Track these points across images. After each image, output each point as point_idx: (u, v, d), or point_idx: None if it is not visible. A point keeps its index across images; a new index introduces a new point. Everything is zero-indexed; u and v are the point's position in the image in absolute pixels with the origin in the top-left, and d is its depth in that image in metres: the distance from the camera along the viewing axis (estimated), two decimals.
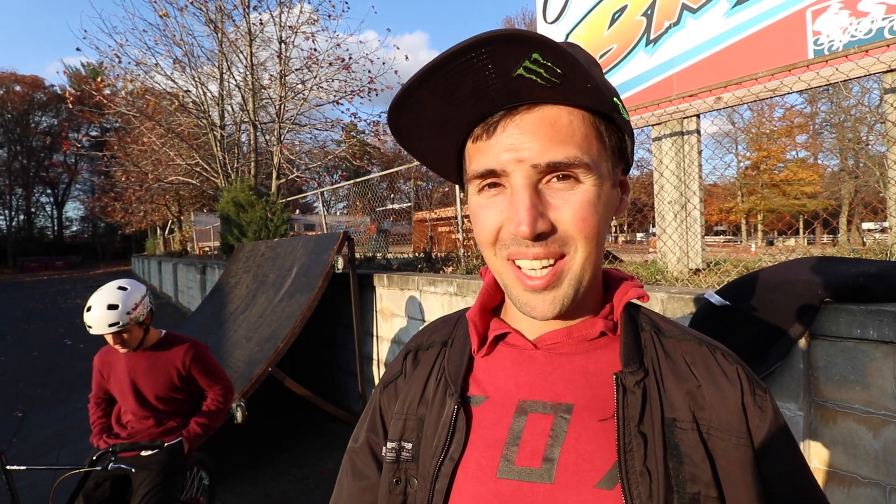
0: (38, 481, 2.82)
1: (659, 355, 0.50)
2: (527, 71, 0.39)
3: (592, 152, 0.45)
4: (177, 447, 2.15)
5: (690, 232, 2.75)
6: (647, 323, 0.53)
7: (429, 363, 0.59)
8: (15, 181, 47.78)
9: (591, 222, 0.45)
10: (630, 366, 0.48)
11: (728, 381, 0.48)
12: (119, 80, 10.14)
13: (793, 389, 1.57)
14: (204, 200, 18.55)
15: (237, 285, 5.76)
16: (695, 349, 0.51)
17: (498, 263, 0.49)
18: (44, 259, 42.58)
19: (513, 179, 0.44)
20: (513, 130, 0.44)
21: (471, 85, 0.41)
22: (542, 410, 0.48)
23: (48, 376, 6.37)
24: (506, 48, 0.38)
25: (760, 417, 0.47)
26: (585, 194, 0.45)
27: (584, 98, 0.43)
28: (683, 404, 0.47)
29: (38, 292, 20.32)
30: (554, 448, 0.46)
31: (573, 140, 0.44)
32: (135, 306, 2.03)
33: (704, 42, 2.96)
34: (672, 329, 0.53)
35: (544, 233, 0.44)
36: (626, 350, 0.49)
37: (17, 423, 4.64)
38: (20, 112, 45.52)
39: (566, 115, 0.44)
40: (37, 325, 11.11)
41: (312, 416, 4.47)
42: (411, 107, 0.44)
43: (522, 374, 0.51)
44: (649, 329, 0.52)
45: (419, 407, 0.55)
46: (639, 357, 0.49)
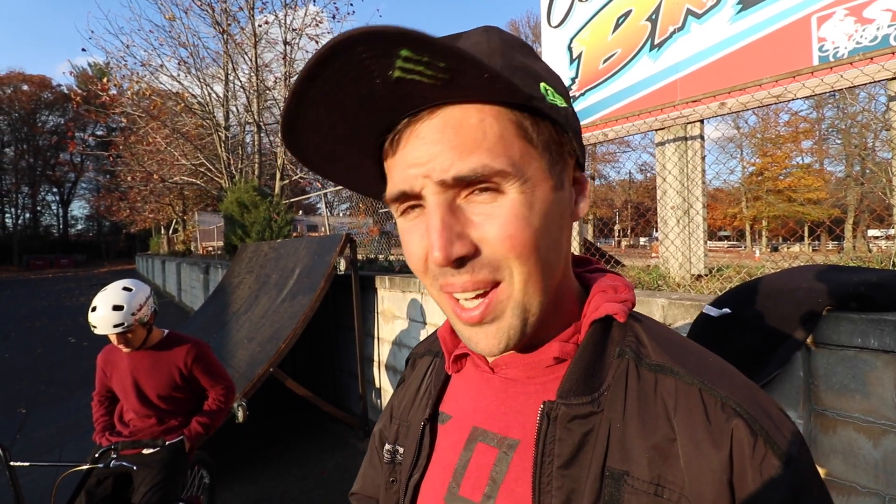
0: (41, 478, 2.84)
1: (629, 391, 0.40)
2: (404, 71, 0.32)
3: (512, 154, 0.37)
4: (178, 445, 2.16)
5: (693, 237, 2.74)
6: (630, 348, 0.42)
7: (421, 371, 0.59)
8: (21, 179, 48.20)
9: (522, 237, 0.37)
10: (570, 397, 0.40)
11: (711, 441, 0.36)
12: (125, 80, 10.21)
13: (793, 397, 1.56)
14: (208, 200, 18.64)
15: (240, 285, 5.78)
16: (682, 390, 0.39)
17: (435, 294, 0.42)
18: (49, 257, 42.85)
19: (426, 199, 0.38)
20: (415, 142, 0.37)
21: (355, 94, 0.34)
22: (489, 442, 0.45)
23: (52, 374, 6.41)
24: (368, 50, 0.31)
25: (763, 495, 0.35)
26: (511, 205, 0.37)
27: (488, 91, 0.35)
28: (643, 459, 0.37)
29: (43, 290, 20.44)
30: (495, 485, 0.43)
31: (483, 145, 0.36)
32: (139, 307, 2.04)
33: (709, 47, 2.96)
34: (660, 358, 0.41)
35: (464, 256, 0.37)
36: (573, 378, 0.41)
37: (21, 420, 4.67)
38: (27, 111, 45.92)
39: (475, 115, 0.36)
40: (41, 323, 11.17)
41: (313, 416, 4.48)
42: (303, 132, 0.37)
43: (481, 398, 0.48)
44: (629, 356, 0.41)
45: (409, 413, 0.56)
46: (591, 389, 0.40)
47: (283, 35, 9.69)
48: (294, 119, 0.35)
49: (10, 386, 5.98)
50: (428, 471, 0.49)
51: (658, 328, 0.45)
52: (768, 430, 0.37)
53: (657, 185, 2.96)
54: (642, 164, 21.67)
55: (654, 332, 0.44)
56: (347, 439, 4.11)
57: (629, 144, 18.47)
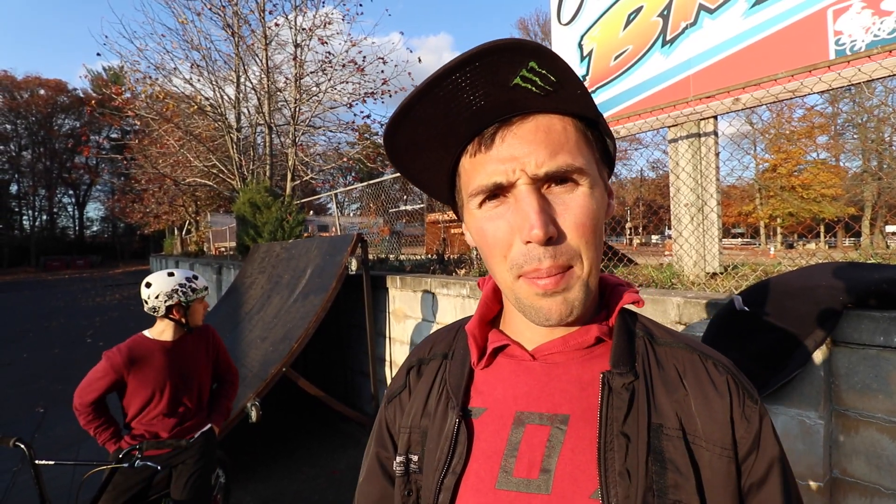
0: (59, 476, 2.89)
1: (650, 362, 0.50)
2: (523, 80, 0.40)
3: (586, 157, 0.46)
4: (209, 433, 2.24)
5: (707, 235, 2.71)
6: (641, 329, 0.53)
7: (430, 376, 0.59)
8: (38, 182, 49.15)
9: (589, 227, 0.45)
10: (619, 367, 0.48)
11: (716, 392, 0.48)
12: (139, 83, 10.35)
13: (813, 397, 1.54)
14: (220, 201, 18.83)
15: (252, 286, 5.83)
16: (686, 357, 0.51)
17: (510, 280, 0.47)
18: (65, 258, 43.65)
19: (517, 188, 0.45)
20: (512, 140, 0.44)
21: (469, 97, 0.41)
22: (538, 422, 0.48)
23: (69, 373, 6.53)
24: (504, 58, 0.38)
25: (746, 429, 0.47)
26: (584, 198, 0.45)
27: (575, 105, 0.44)
28: (671, 412, 0.47)
29: (60, 290, 20.83)
30: (551, 459, 0.46)
31: (568, 146, 0.44)
32: None
33: (722, 42, 2.92)
34: (665, 336, 0.53)
35: (553, 237, 0.44)
36: (617, 353, 0.49)
37: (39, 418, 4.77)
38: (44, 115, 46.82)
39: (558, 123, 0.45)
40: (58, 323, 11.39)
41: (325, 416, 4.51)
42: (410, 122, 0.43)
43: (520, 385, 0.51)
44: (643, 335, 0.52)
45: (422, 419, 0.56)
46: (630, 361, 0.49)
47: (294, 37, 9.75)
48: (410, 109, 0.42)
49: (28, 385, 6.10)
50: (468, 466, 0.49)
51: (650, 319, 0.57)
52: (744, 383, 0.50)
53: (670, 182, 2.93)
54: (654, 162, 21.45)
55: (650, 321, 0.56)
56: (359, 439, 4.13)
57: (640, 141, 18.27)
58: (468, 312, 3.34)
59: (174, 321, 2.16)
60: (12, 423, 4.70)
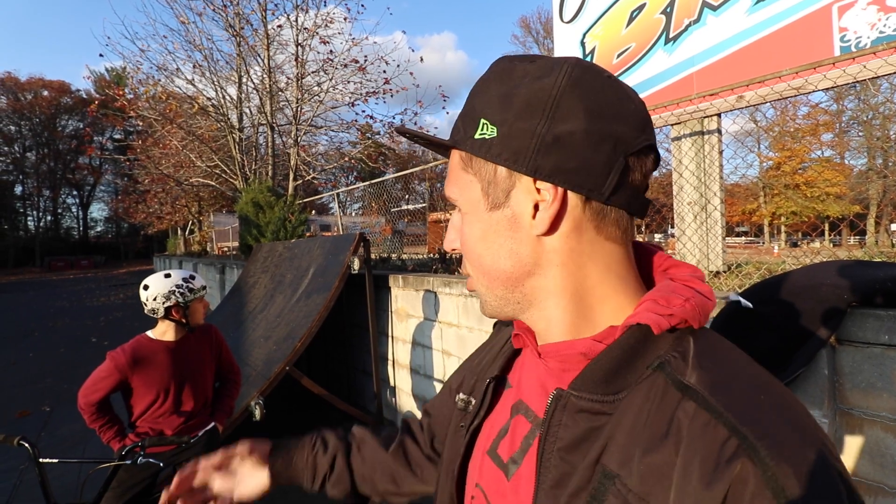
0: (64, 474, 2.91)
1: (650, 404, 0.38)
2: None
3: (459, 184, 0.49)
4: (213, 432, 2.26)
5: (711, 233, 2.70)
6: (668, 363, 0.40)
7: (503, 338, 0.64)
8: (43, 183, 49.42)
9: (469, 247, 0.49)
10: (581, 390, 0.42)
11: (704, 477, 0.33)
12: (141, 84, 10.38)
13: (817, 396, 1.53)
14: (223, 201, 18.88)
15: (255, 285, 5.85)
16: (700, 418, 0.35)
17: None
18: (70, 258, 43.88)
19: None
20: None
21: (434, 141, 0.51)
22: (526, 416, 0.51)
23: (74, 372, 6.57)
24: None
25: None
26: (462, 220, 0.50)
27: (454, 135, 0.49)
28: (638, 471, 0.36)
29: (65, 290, 20.94)
30: (521, 453, 0.49)
31: (450, 178, 0.50)
32: None
33: (726, 39, 2.90)
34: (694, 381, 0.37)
35: (458, 249, 0.52)
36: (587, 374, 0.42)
37: (45, 417, 4.80)
38: (48, 116, 47.05)
39: (455, 156, 0.50)
40: (63, 323, 11.45)
41: (328, 415, 4.51)
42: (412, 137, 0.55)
43: (530, 377, 0.53)
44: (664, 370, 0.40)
45: (485, 371, 0.61)
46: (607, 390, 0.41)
47: (295, 36, 9.76)
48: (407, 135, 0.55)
49: (34, 384, 6.14)
50: (484, 424, 0.56)
51: (717, 348, 0.42)
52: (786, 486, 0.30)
53: (673, 180, 2.92)
54: None
55: (706, 351, 0.41)
56: None
57: None
58: (470, 311, 3.34)
59: (175, 322, 2.16)
60: (19, 421, 4.74)
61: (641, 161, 0.43)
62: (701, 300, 0.43)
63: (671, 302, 0.42)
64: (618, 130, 0.41)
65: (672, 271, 0.48)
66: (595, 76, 0.43)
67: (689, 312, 0.41)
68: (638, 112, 0.43)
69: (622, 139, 0.42)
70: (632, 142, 0.42)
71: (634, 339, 0.42)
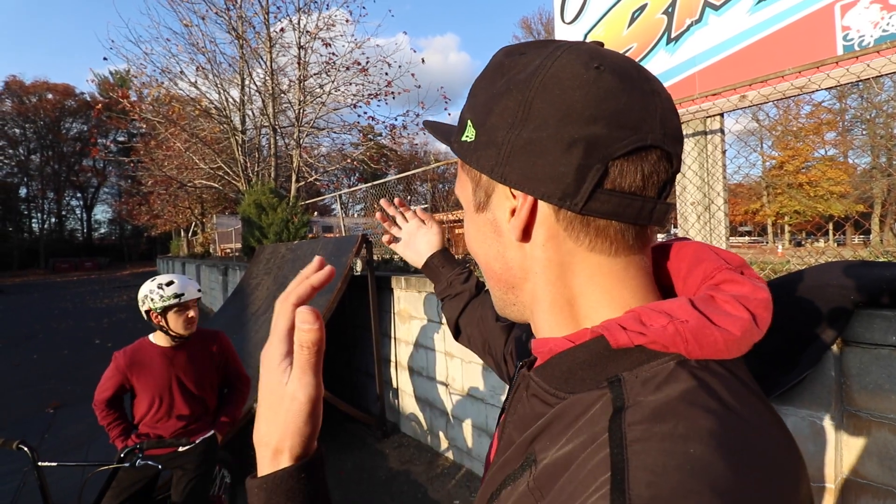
0: (65, 477, 2.90)
1: (581, 422, 0.36)
2: None
3: (461, 184, 0.50)
4: (210, 440, 2.23)
5: (714, 234, 2.68)
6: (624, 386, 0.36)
7: None
8: (47, 185, 49.69)
9: (467, 242, 0.51)
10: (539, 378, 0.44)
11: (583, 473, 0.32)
12: (145, 87, 10.43)
13: (824, 398, 1.52)
14: (226, 203, 18.93)
15: (258, 287, 5.86)
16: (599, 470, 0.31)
17: None
18: (74, 260, 44.07)
19: None
20: None
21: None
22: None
23: (78, 374, 6.59)
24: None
25: None
26: (465, 220, 0.51)
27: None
28: (542, 465, 0.37)
29: (69, 292, 21.03)
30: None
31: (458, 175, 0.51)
32: (198, 287, 2.29)
33: (728, 39, 2.89)
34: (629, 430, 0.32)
35: None
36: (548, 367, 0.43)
37: (49, 418, 4.81)
38: (52, 119, 47.32)
39: None
40: (67, 325, 11.49)
41: (331, 416, 4.51)
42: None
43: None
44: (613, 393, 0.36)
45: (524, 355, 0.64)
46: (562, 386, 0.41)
47: (297, 39, 9.78)
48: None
49: (38, 385, 6.16)
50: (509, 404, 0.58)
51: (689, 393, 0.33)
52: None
53: (676, 180, 2.91)
54: None
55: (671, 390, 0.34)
56: (365, 439, 4.13)
57: None
58: None
59: (159, 327, 2.18)
60: (22, 422, 4.75)
61: (634, 163, 0.38)
62: (700, 326, 0.36)
63: (651, 320, 0.37)
64: (592, 133, 0.37)
65: (723, 286, 0.40)
66: (582, 66, 0.38)
67: (668, 337, 0.36)
68: (634, 107, 0.37)
69: (598, 142, 0.37)
70: (613, 144, 0.37)
71: (602, 346, 0.39)
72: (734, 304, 0.37)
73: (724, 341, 0.36)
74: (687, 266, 0.44)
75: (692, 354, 0.36)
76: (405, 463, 3.69)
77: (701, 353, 0.36)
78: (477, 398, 3.37)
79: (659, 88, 0.40)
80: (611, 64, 0.38)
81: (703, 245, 0.46)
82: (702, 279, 0.43)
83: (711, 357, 0.36)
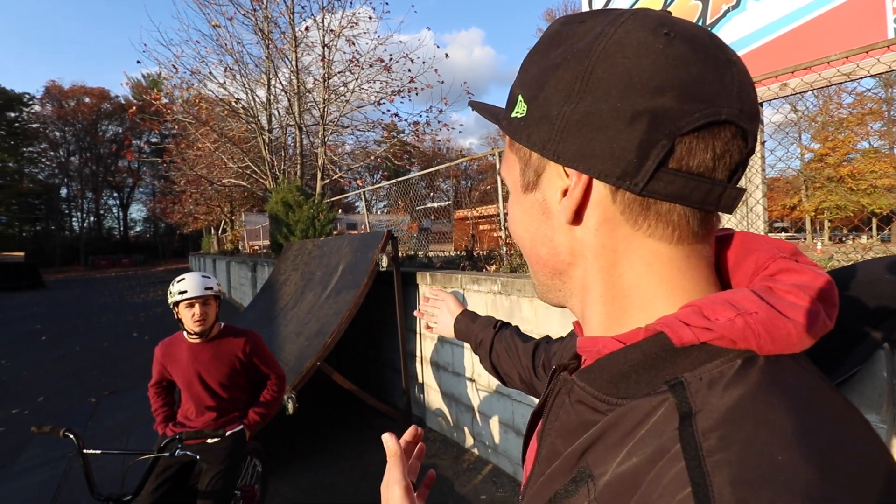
0: (108, 463, 3.03)
1: (645, 428, 0.33)
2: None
3: (507, 163, 0.47)
4: (239, 435, 2.29)
5: (752, 228, 2.59)
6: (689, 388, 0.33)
7: None
8: (86, 186, 51.91)
9: (510, 226, 0.48)
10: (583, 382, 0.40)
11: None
12: (176, 89, 10.75)
13: (875, 399, 1.44)
14: (253, 201, 19.37)
15: (286, 282, 5.97)
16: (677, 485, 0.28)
17: None
18: (112, 257, 45.97)
19: None
20: None
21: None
22: None
23: (118, 366, 6.87)
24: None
25: None
26: (510, 202, 0.48)
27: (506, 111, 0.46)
28: (603, 483, 0.33)
29: (107, 287, 21.95)
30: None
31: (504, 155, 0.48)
32: (217, 284, 2.30)
33: (767, 25, 2.77)
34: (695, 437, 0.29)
35: None
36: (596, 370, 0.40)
37: (92, 408, 5.03)
38: (89, 122, 49.34)
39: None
40: (107, 319, 12.00)
41: (358, 410, 4.57)
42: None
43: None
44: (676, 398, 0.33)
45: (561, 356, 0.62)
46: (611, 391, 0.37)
47: (322, 38, 9.89)
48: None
49: (81, 377, 6.45)
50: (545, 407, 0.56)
51: (768, 390, 0.31)
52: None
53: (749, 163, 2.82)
54: None
55: (747, 387, 0.31)
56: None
57: None
58: (499, 309, 3.31)
59: (179, 322, 2.26)
60: (68, 412, 4.99)
61: (705, 140, 0.34)
62: (770, 318, 0.32)
63: (715, 313, 0.34)
64: (659, 105, 0.33)
65: (780, 276, 0.37)
66: (650, 33, 0.34)
67: (737, 331, 0.32)
68: (707, 77, 0.34)
69: (664, 115, 0.33)
70: (682, 118, 0.33)
71: (658, 346, 0.36)
72: (798, 293, 0.34)
73: (796, 334, 0.32)
74: (734, 257, 0.41)
75: (764, 350, 0.33)
76: (431, 457, 3.71)
77: (773, 347, 0.33)
78: (504, 394, 3.36)
79: (735, 58, 0.36)
80: (682, 30, 0.35)
81: (748, 234, 0.43)
82: (754, 270, 0.40)
83: (783, 351, 0.33)
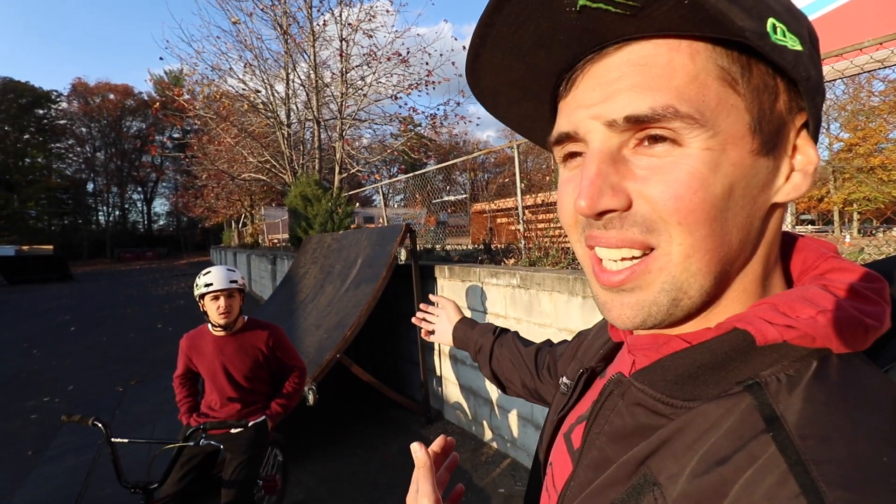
0: (134, 451, 3.13)
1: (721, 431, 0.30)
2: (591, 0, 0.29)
3: (706, 100, 0.30)
4: (261, 425, 2.33)
5: None
6: (769, 387, 0.30)
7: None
8: (111, 181, 53.29)
9: (693, 202, 0.31)
10: (644, 383, 0.37)
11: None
12: (197, 85, 10.93)
13: None
14: (273, 195, 19.63)
15: (306, 275, 6.05)
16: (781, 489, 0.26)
17: (580, 250, 0.39)
18: (136, 250, 47.18)
19: (588, 144, 0.34)
20: (589, 81, 0.34)
21: (535, 30, 0.32)
22: None
23: (143, 356, 7.08)
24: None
25: None
26: (687, 160, 0.31)
27: (686, 23, 0.29)
28: (680, 492, 0.30)
29: (132, 280, 22.55)
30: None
31: (670, 83, 0.30)
32: (242, 277, 2.36)
33: None
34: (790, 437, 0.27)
35: (612, 210, 0.33)
36: (659, 369, 0.36)
37: (119, 397, 5.20)
38: (114, 118, 50.54)
39: (665, 53, 0.31)
40: (132, 310, 12.34)
41: (378, 402, 4.62)
42: (484, 69, 0.37)
43: (618, 365, 0.49)
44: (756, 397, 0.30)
45: (585, 359, 0.58)
46: (676, 393, 0.34)
47: (339, 32, 9.93)
48: (475, 59, 0.36)
49: (108, 366, 6.66)
50: (573, 410, 0.53)
51: (852, 387, 0.29)
52: None
53: None
54: None
55: (830, 385, 0.29)
56: (409, 425, 4.21)
57: None
58: (518, 303, 3.30)
59: (204, 314, 2.31)
60: (96, 400, 5.16)
61: None
62: (849, 316, 0.30)
63: (796, 310, 0.31)
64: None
65: (832, 275, 0.35)
66: None
67: (820, 328, 0.30)
68: None
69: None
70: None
71: (730, 345, 0.33)
72: (861, 292, 0.33)
73: (869, 333, 0.31)
74: (799, 252, 0.40)
75: (841, 348, 0.31)
76: None
77: (848, 346, 0.31)
78: None
79: None
80: None
81: (790, 232, 0.40)
82: (801, 269, 0.38)
83: (854, 349, 0.32)
